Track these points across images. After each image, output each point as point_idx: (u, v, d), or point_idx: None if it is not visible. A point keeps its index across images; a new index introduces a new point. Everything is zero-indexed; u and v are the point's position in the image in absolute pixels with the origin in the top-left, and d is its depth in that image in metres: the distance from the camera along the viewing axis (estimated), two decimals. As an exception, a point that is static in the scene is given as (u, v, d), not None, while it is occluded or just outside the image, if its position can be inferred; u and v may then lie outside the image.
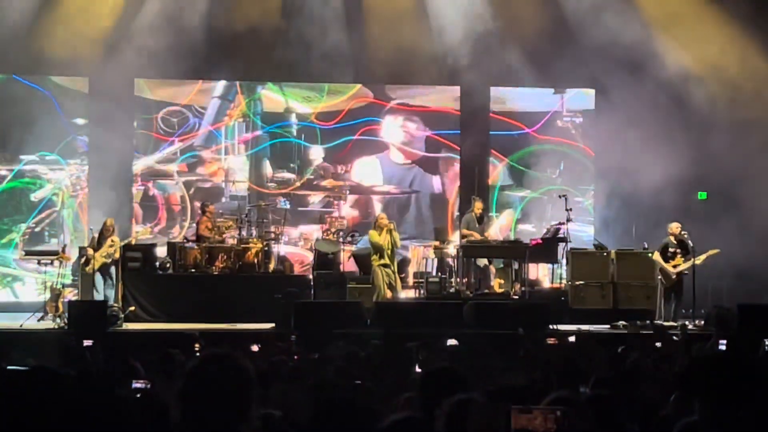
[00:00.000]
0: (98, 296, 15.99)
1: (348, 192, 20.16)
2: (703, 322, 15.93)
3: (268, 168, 20.21)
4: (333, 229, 18.34)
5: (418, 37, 18.90)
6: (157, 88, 19.95)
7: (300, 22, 18.92)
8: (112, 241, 16.30)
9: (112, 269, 16.27)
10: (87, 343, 10.53)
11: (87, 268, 16.12)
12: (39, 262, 16.48)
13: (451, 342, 11.05)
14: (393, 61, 19.01)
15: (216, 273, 17.05)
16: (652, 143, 18.73)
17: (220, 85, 20.15)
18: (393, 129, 20.59)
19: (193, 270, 17.18)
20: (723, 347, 11.00)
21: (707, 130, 18.64)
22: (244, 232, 17.72)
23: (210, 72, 19.64)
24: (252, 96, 20.24)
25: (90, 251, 16.15)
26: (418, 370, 7.96)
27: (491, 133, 20.57)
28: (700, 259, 16.37)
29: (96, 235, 16.55)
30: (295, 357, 9.97)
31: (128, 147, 19.66)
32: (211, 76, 19.90)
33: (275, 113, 20.28)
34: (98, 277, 16.16)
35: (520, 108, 20.66)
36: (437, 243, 18.38)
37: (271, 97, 20.34)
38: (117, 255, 16.37)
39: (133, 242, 17.14)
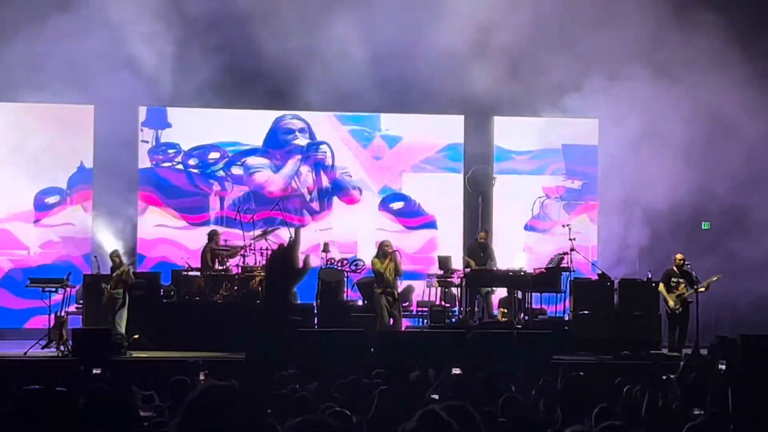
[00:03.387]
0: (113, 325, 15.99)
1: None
2: (706, 352, 15.94)
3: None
4: (336, 258, 18.37)
5: (421, 65, 18.94)
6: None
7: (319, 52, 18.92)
8: (121, 270, 16.33)
9: (121, 299, 16.25)
10: (96, 370, 10.56)
11: (102, 300, 16.19)
12: (43, 290, 16.49)
13: (456, 371, 11.05)
14: (395, 90, 19.08)
15: (220, 301, 17.07)
16: (657, 171, 18.79)
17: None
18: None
19: (197, 298, 17.20)
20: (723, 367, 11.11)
21: (713, 156, 18.68)
22: (248, 260, 17.72)
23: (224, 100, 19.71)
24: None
25: (103, 283, 16.26)
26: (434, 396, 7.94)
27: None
28: (703, 287, 16.44)
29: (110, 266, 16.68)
30: (297, 386, 9.97)
31: (134, 176, 19.77)
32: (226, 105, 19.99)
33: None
34: (107, 308, 16.17)
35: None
36: (441, 272, 18.39)
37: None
38: (130, 275, 16.41)
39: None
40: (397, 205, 20.52)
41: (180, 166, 20.20)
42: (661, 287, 16.74)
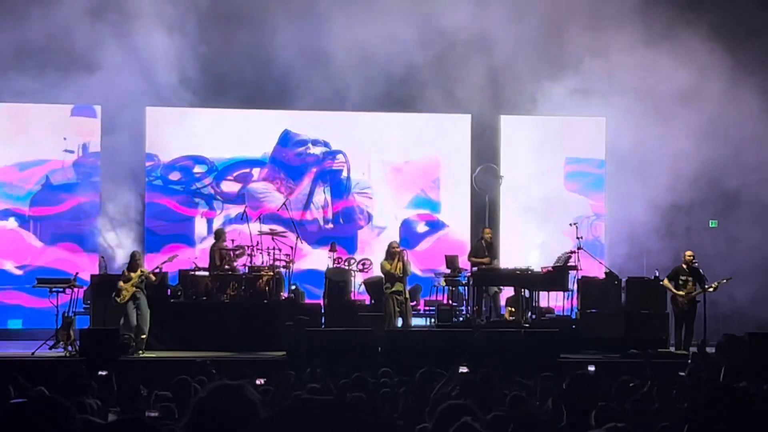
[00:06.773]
0: (129, 326, 15.92)
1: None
2: (713, 350, 15.90)
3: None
4: (344, 257, 18.35)
5: (427, 63, 18.91)
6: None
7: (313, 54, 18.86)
8: (141, 271, 16.31)
9: (142, 299, 16.24)
10: (102, 372, 10.58)
11: (119, 300, 16.09)
12: (51, 290, 16.50)
13: (463, 369, 11.03)
14: (401, 88, 19.04)
15: (227, 301, 17.08)
16: (664, 168, 18.76)
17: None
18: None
19: (204, 298, 17.21)
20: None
21: (722, 151, 18.65)
22: (255, 260, 17.69)
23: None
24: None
25: (121, 283, 16.16)
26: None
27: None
28: (712, 288, 16.41)
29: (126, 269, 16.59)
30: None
31: (140, 183, 19.73)
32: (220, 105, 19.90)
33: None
34: (130, 308, 16.08)
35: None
36: (448, 271, 18.36)
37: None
38: (153, 278, 16.37)
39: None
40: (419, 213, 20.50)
41: (159, 182, 19.98)
42: (666, 282, 16.69)
